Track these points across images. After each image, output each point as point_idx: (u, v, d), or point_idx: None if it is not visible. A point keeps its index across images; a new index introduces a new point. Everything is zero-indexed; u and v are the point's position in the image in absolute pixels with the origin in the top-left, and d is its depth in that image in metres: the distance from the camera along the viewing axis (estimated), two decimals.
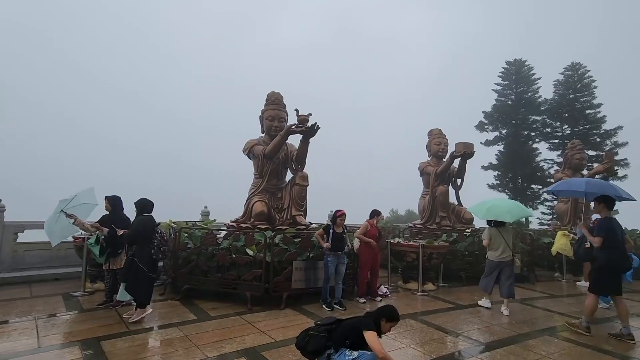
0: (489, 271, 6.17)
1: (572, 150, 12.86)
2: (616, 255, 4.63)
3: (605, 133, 18.76)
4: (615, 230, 4.65)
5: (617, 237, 4.64)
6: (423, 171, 10.98)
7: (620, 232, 4.73)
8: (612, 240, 4.59)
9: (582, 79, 19.77)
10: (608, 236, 4.59)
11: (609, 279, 4.71)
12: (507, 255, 6.00)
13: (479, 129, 20.34)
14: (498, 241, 6.07)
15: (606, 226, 4.64)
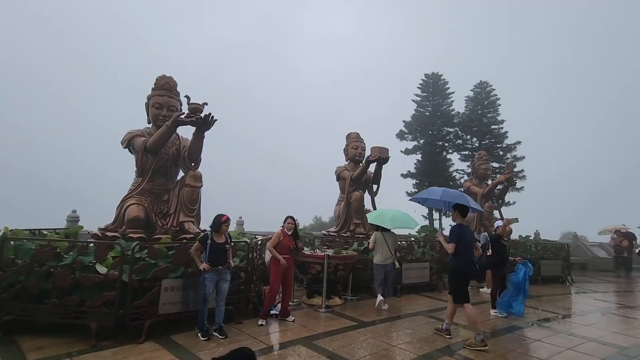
0: (378, 275, 6.56)
1: (479, 160, 13.60)
2: (462, 261, 4.80)
3: (507, 147, 20.71)
4: (465, 236, 4.82)
5: (465, 244, 4.81)
6: (339, 176, 10.52)
7: (470, 239, 4.93)
8: (460, 246, 4.77)
9: (489, 96, 21.69)
10: (458, 242, 4.76)
11: (456, 284, 4.92)
12: (389, 258, 6.57)
13: (399, 138, 21.06)
14: (382, 246, 6.59)
15: (456, 232, 4.84)
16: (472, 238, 5.06)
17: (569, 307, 7.54)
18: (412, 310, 6.49)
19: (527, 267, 6.56)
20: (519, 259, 6.78)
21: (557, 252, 11.82)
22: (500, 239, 6.72)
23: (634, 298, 9.45)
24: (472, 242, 5.01)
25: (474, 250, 5.04)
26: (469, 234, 4.97)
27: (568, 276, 11.61)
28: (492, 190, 12.85)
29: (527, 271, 6.51)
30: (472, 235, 5.09)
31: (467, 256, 4.83)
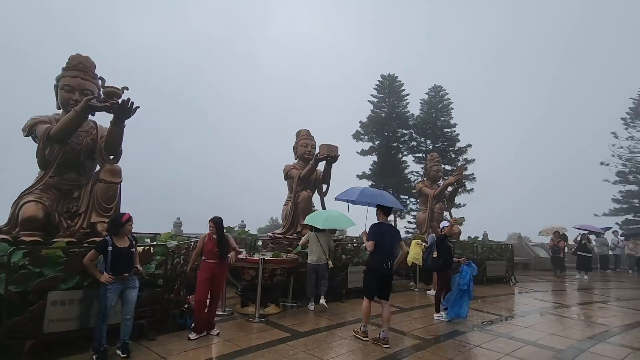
0: (309, 276, 6.55)
1: (431, 162, 13.71)
2: (376, 259, 4.80)
3: (459, 150, 21.33)
4: (383, 235, 4.83)
5: (383, 242, 4.79)
6: (287, 175, 10.01)
7: (389, 237, 4.89)
8: (378, 245, 4.77)
9: (442, 100, 22.27)
10: (376, 241, 4.76)
11: (369, 282, 4.98)
12: (322, 258, 6.59)
13: (355, 138, 20.97)
14: (315, 246, 6.61)
15: (374, 231, 4.86)
16: (393, 237, 4.98)
17: (511, 308, 7.58)
18: (355, 317, 6.12)
19: (471, 268, 6.45)
20: (463, 260, 6.65)
21: (502, 252, 12.13)
22: (446, 240, 6.55)
23: (568, 296, 9.80)
24: (392, 240, 4.92)
25: (394, 249, 4.94)
26: (388, 233, 4.93)
27: (512, 276, 11.96)
28: (443, 191, 12.97)
29: (472, 272, 6.40)
30: (394, 234, 5.04)
31: (383, 255, 4.78)
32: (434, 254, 6.67)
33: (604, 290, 11.26)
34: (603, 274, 16.57)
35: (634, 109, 27.05)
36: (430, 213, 12.92)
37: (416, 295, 8.56)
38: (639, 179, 25.92)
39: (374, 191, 5.67)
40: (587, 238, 13.93)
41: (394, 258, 4.95)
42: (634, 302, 9.00)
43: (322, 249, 6.60)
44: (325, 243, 6.68)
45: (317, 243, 6.60)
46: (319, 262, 6.56)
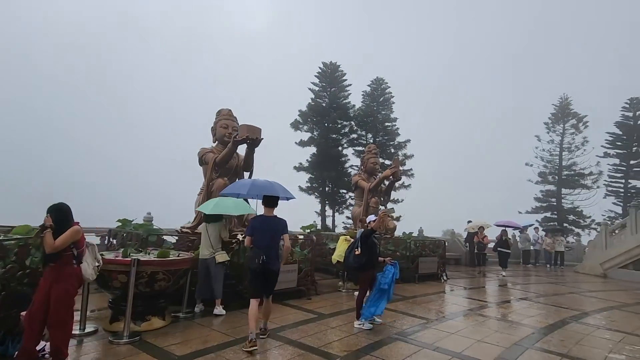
0: (199, 273, 5.85)
1: (368, 154, 13.14)
2: (250, 255, 4.62)
3: (398, 144, 21.29)
4: (262, 229, 4.61)
5: (262, 237, 4.56)
6: (202, 159, 8.67)
7: (269, 231, 4.62)
8: (256, 240, 4.57)
9: (384, 93, 22.08)
10: (254, 235, 4.56)
11: (249, 281, 4.77)
12: (208, 253, 5.81)
13: (294, 128, 19.92)
14: (204, 238, 5.96)
15: (251, 225, 4.70)
16: (275, 230, 4.66)
17: (440, 310, 7.09)
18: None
19: (396, 269, 5.84)
20: (389, 260, 5.95)
21: (435, 249, 11.94)
22: (371, 236, 5.73)
23: (494, 294, 9.74)
24: (273, 234, 4.62)
25: (274, 243, 4.62)
26: (269, 227, 4.65)
27: (444, 273, 11.82)
28: (379, 185, 12.44)
29: (395, 274, 5.80)
30: (276, 227, 4.69)
31: (259, 250, 4.46)
32: (356, 251, 5.83)
33: (525, 285, 11.52)
34: (525, 268, 17.49)
35: (555, 114, 29.43)
36: (365, 207, 12.34)
37: (343, 297, 7.78)
38: (556, 179, 28.24)
39: (264, 183, 5.52)
40: (506, 234, 14.08)
41: (274, 252, 4.60)
42: (554, 297, 9.13)
43: (210, 241, 5.82)
44: (215, 235, 5.89)
45: (205, 235, 5.88)
46: (205, 255, 5.81)
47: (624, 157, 27.96)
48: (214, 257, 5.73)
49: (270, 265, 4.48)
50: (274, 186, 5.40)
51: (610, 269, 15.32)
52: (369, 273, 5.63)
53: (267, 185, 5.41)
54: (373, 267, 5.69)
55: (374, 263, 5.69)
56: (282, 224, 4.80)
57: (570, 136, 28.51)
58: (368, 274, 5.63)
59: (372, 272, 5.68)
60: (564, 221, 27.00)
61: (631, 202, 24.57)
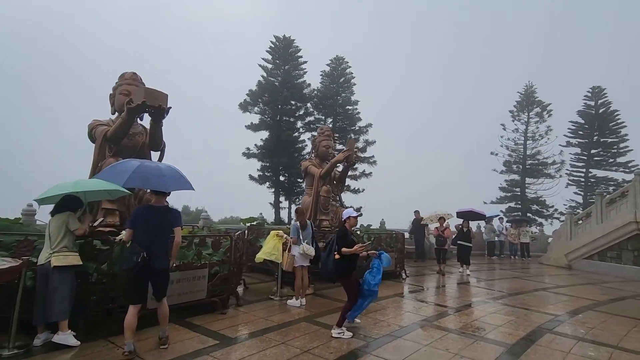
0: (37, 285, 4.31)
1: (320, 136, 11.68)
2: (128, 252, 3.99)
3: (359, 130, 20.01)
4: (147, 221, 4.01)
5: (146, 231, 3.96)
6: (91, 134, 6.86)
7: (157, 224, 4.05)
8: (137, 234, 3.96)
9: (344, 73, 20.65)
10: (136, 228, 3.97)
11: (128, 284, 4.14)
12: (45, 256, 4.10)
13: (243, 109, 18.04)
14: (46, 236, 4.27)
15: (134, 216, 4.09)
16: (165, 224, 4.14)
17: (394, 322, 5.82)
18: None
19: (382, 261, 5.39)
20: (374, 254, 5.45)
21: (393, 243, 10.75)
22: (349, 235, 5.18)
23: (456, 295, 8.63)
24: (160, 228, 4.08)
25: (162, 238, 4.08)
26: (157, 218, 4.09)
27: (402, 270, 10.68)
28: (331, 170, 11.04)
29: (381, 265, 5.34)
30: (165, 219, 4.16)
31: (140, 245, 3.89)
32: (335, 255, 4.98)
33: (489, 282, 10.61)
34: (489, 260, 16.90)
35: (520, 102, 29.40)
36: (315, 196, 10.94)
37: (271, 309, 6.31)
38: (521, 169, 28.27)
39: (152, 170, 4.37)
40: (468, 224, 11.97)
41: (160, 248, 4.03)
42: (522, 297, 8.17)
43: (49, 240, 4.15)
44: (55, 232, 4.15)
45: (47, 230, 4.25)
46: (43, 262, 4.11)
47: (585, 146, 28.43)
48: (49, 262, 4.04)
49: (155, 263, 3.92)
50: (164, 175, 4.31)
51: (575, 260, 14.95)
52: (351, 280, 5.06)
53: (154, 174, 4.30)
54: (354, 270, 5.14)
55: (354, 266, 5.13)
56: (172, 215, 4.26)
57: (534, 125, 28.59)
58: (353, 280, 5.09)
59: (355, 276, 5.14)
60: (528, 211, 27.09)
61: (595, 191, 24.88)
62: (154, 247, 3.93)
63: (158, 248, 3.99)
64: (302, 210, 6.87)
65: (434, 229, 12.24)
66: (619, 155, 26.96)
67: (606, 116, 27.55)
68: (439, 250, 11.68)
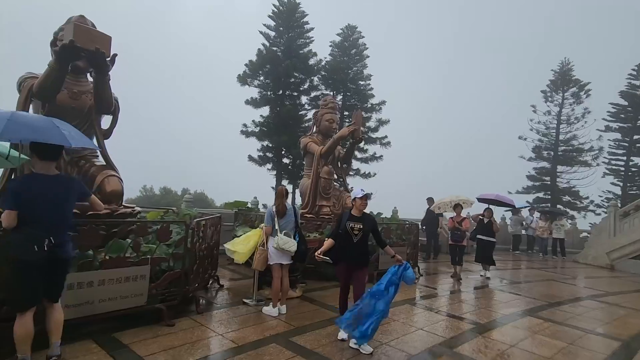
0: None
1: (324, 108, 10.14)
2: (20, 238, 2.87)
3: (372, 107, 18.28)
4: (35, 197, 2.96)
5: (35, 208, 2.94)
6: (20, 87, 5.50)
7: (53, 198, 3.03)
8: (26, 212, 2.89)
9: (356, 45, 18.83)
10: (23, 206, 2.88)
11: (17, 281, 2.92)
12: None
13: (241, 82, 16.51)
14: None
15: (14, 191, 2.93)
16: (66, 197, 3.13)
17: (405, 348, 4.35)
18: None
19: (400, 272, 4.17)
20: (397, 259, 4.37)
21: (405, 235, 9.24)
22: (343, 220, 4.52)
23: (477, 304, 7.11)
24: (62, 204, 3.08)
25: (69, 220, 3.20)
26: (54, 192, 3.05)
27: (415, 266, 9.20)
28: (333, 148, 9.59)
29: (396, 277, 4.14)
30: (69, 190, 3.16)
31: (37, 229, 2.89)
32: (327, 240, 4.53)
33: (517, 285, 9.01)
34: (514, 256, 15.23)
35: (554, 82, 26.96)
36: (315, 178, 9.56)
37: (245, 317, 4.94)
38: (552, 155, 26.08)
39: (37, 117, 3.33)
40: (491, 214, 9.72)
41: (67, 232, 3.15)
42: (566, 308, 6.59)
43: None
44: None
45: None
46: None
47: (627, 131, 25.95)
48: None
49: (62, 252, 3.07)
50: (58, 126, 3.14)
51: (619, 260, 13.14)
52: (339, 267, 4.45)
53: (45, 124, 3.13)
54: (347, 260, 4.38)
55: (348, 254, 4.36)
56: (73, 184, 3.30)
57: (569, 107, 26.22)
58: (339, 268, 4.47)
59: (345, 265, 4.40)
60: (558, 202, 25.03)
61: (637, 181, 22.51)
62: (57, 230, 3.02)
63: (62, 231, 3.09)
64: (282, 191, 5.40)
65: (449, 220, 9.79)
66: None
67: None
68: (455, 247, 9.28)
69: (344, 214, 4.59)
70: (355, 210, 4.51)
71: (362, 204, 4.47)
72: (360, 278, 4.37)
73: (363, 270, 4.42)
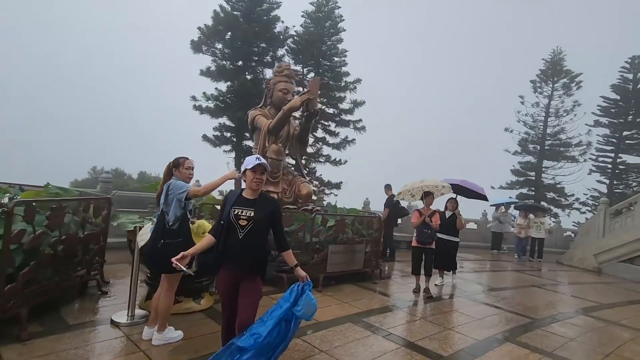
0: None
1: (278, 76, 8.48)
2: None
3: (345, 86, 16.70)
4: None
5: None
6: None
7: None
8: None
9: (331, 16, 17.15)
10: None
11: None
12: None
13: (195, 50, 14.60)
14: None
15: None
16: None
17: None
18: None
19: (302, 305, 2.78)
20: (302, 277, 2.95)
21: (365, 230, 7.78)
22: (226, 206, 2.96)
23: (444, 323, 5.73)
24: None
25: None
26: None
27: (378, 269, 7.80)
28: (282, 122, 8.07)
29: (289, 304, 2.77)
30: None
31: None
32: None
33: (496, 294, 7.71)
34: (492, 256, 14.04)
35: (544, 71, 25.96)
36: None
37: (91, 353, 3.36)
38: (538, 149, 25.17)
39: None
40: (455, 205, 7.75)
41: None
42: (556, 328, 5.25)
43: None
44: None
45: None
46: None
47: (616, 127, 25.23)
48: None
49: None
50: None
51: (607, 263, 12.09)
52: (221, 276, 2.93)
53: None
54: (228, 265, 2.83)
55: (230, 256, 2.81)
56: None
57: (559, 99, 25.29)
58: (220, 278, 2.94)
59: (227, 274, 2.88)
60: (543, 199, 24.18)
61: (623, 179, 21.74)
62: None
63: None
64: (167, 169, 3.78)
65: (414, 213, 6.97)
66: None
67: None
68: (420, 251, 6.69)
69: (229, 197, 3.04)
70: (248, 191, 2.97)
71: (256, 180, 2.91)
72: (246, 295, 2.83)
73: (253, 283, 2.87)
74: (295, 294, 2.85)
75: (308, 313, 2.76)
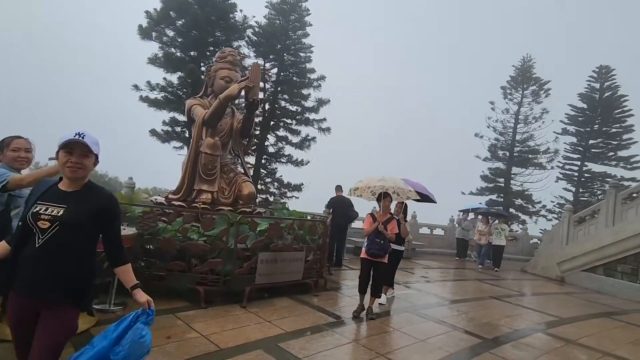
0: None
1: (220, 62, 7.66)
2: None
3: (308, 82, 15.96)
4: None
5: None
6: None
7: None
8: None
9: (297, 8, 16.40)
10: None
11: None
12: None
13: (143, 35, 13.50)
14: None
15: None
16: None
17: None
18: None
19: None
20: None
21: (307, 235, 6.99)
22: None
23: (392, 346, 5.00)
24: None
25: None
26: None
27: (320, 279, 7.02)
28: (219, 112, 7.28)
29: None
30: None
31: None
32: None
33: (453, 307, 7.08)
34: (457, 263, 13.59)
35: (514, 78, 26.12)
36: (194, 154, 7.22)
37: None
38: (508, 156, 25.23)
39: None
40: (400, 209, 6.95)
41: None
42: (509, 350, 4.60)
43: None
44: None
45: None
46: None
47: (583, 135, 25.60)
48: None
49: None
50: None
51: (570, 272, 11.80)
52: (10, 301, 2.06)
53: None
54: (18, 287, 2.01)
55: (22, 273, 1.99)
56: None
57: (528, 106, 25.48)
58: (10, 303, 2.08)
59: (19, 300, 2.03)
60: (511, 205, 24.20)
61: (588, 186, 21.98)
62: None
63: None
64: None
65: (366, 218, 6.08)
66: (621, 148, 24.27)
67: (611, 101, 24.67)
68: (369, 265, 5.65)
69: (39, 187, 2.15)
70: (65, 181, 2.12)
71: (70, 166, 2.04)
72: (42, 334, 1.95)
73: (56, 316, 1.99)
74: (125, 325, 2.02)
75: (133, 356, 1.93)
